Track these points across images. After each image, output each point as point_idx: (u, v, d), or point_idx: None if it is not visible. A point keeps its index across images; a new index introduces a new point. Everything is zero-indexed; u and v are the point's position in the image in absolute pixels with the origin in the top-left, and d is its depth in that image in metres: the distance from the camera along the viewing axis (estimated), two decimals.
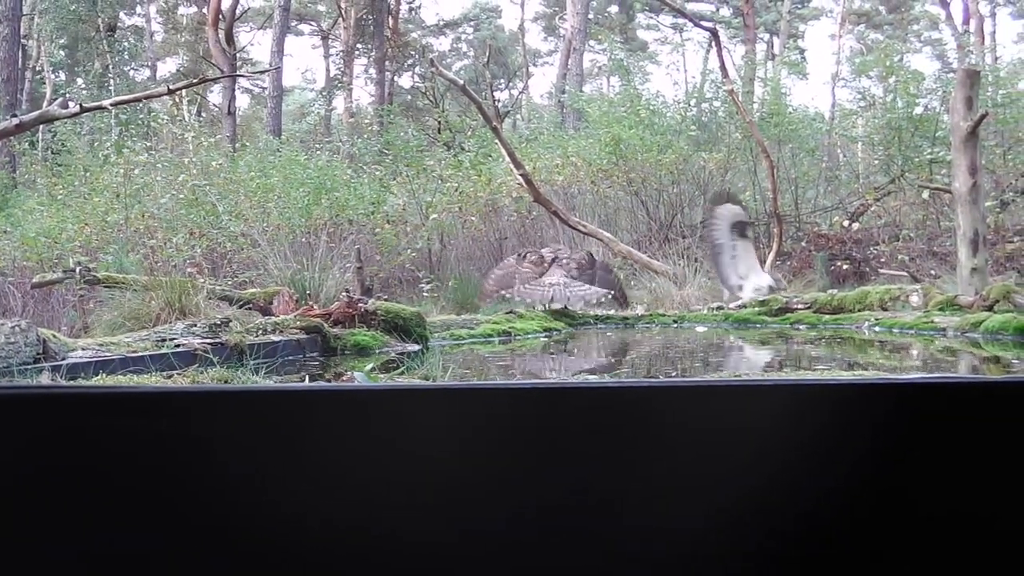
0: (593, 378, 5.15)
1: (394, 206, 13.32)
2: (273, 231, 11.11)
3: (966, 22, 26.89)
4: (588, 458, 1.17)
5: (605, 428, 1.17)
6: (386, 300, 7.11)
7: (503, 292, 8.71)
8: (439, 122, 18.73)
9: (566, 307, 8.53)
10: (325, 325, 6.08)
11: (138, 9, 27.01)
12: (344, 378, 4.65)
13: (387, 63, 26.80)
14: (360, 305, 6.45)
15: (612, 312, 9.06)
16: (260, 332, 5.65)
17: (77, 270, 7.46)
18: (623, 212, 14.39)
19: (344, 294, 6.76)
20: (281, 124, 21.93)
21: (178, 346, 4.78)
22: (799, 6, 31.52)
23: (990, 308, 7.15)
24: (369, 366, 4.72)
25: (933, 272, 11.25)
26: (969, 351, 6.23)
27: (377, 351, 6.03)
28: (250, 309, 7.18)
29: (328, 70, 31.08)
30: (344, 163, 15.02)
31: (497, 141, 11.78)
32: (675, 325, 8.49)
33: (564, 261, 9.59)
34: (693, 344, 7.37)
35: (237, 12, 22.40)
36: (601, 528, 1.17)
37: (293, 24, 27.69)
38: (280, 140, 18.18)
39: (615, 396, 1.19)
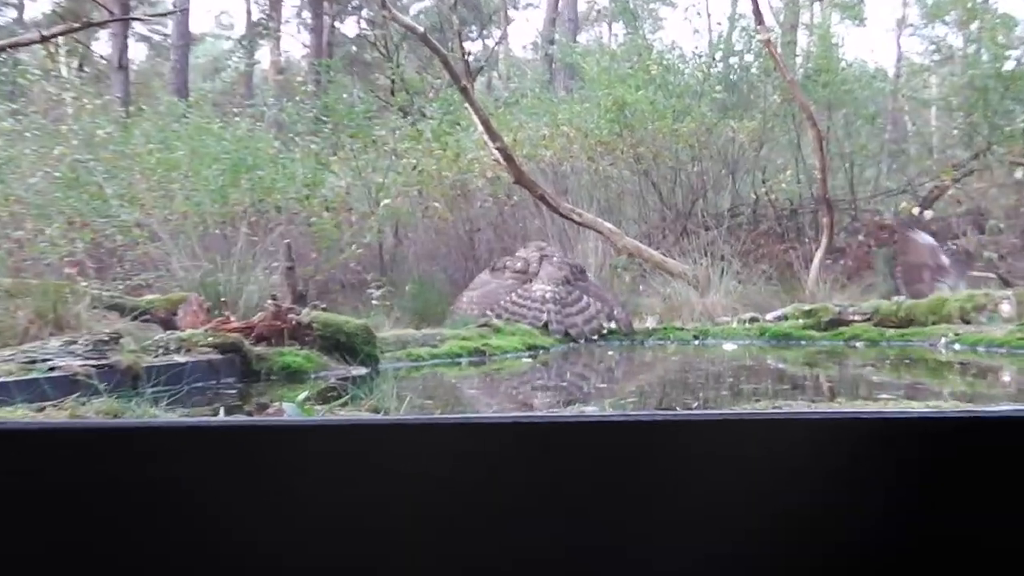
0: (591, 410, 5.15)
1: (335, 188, 13.27)
2: (178, 221, 11.04)
3: None
4: (587, 498, 1.32)
5: (607, 465, 1.32)
6: (324, 310, 7.08)
7: (488, 312, 8.78)
8: (392, 81, 18.68)
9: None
10: (245, 342, 6.04)
11: None
12: (270, 411, 4.62)
13: (325, 4, 26.78)
14: (291, 316, 6.41)
15: (614, 326, 9.06)
16: (161, 351, 5.61)
17: None
18: (629, 197, 14.39)
19: (270, 302, 6.72)
20: (188, 82, 21.83)
21: (52, 369, 4.73)
22: None
23: None
24: (302, 395, 4.68)
25: None
26: None
27: (313, 376, 6.00)
28: (147, 321, 7.13)
29: (249, 13, 31.01)
30: (270, 133, 14.97)
31: (467, 105, 11.76)
32: (696, 342, 8.50)
33: (555, 261, 9.63)
34: (719, 367, 7.37)
35: None
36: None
37: None
38: (187, 103, 18.10)
39: (618, 430, 1.34)
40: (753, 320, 8.99)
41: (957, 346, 7.60)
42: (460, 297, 9.75)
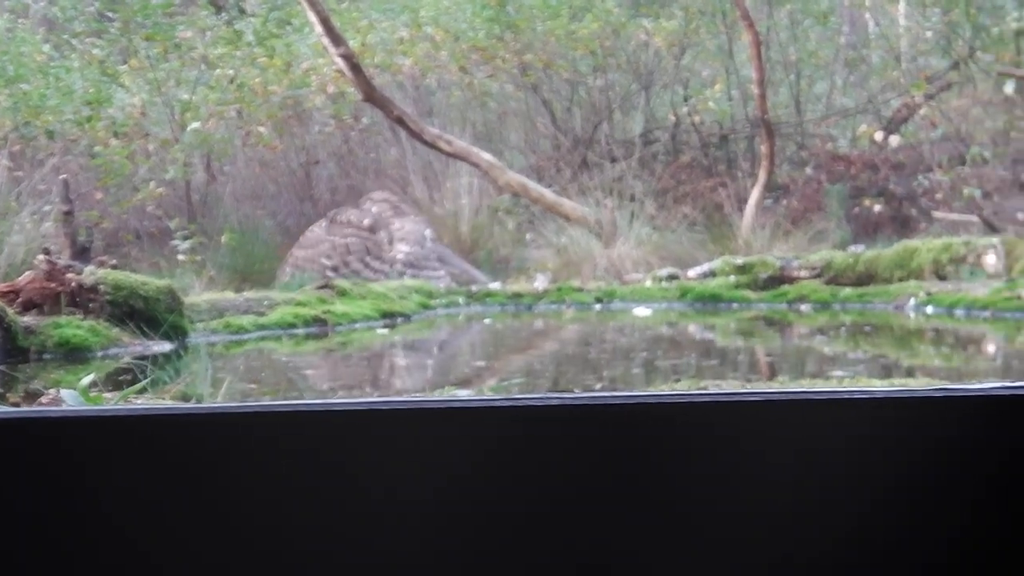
0: (464, 394, 5.21)
1: (126, 108, 13.14)
2: None
3: None
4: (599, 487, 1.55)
5: (600, 450, 1.51)
6: (115, 268, 7.05)
7: (329, 273, 8.83)
8: None
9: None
10: (8, 310, 6.00)
11: None
12: (45, 399, 4.61)
13: None
14: (69, 277, 6.38)
15: (495, 286, 9.14)
16: None
17: None
18: (513, 118, 14.45)
19: (41, 258, 6.68)
20: None
21: None
22: None
23: None
24: (87, 379, 4.68)
25: (1021, 216, 11.57)
26: None
27: (100, 354, 5.98)
28: None
29: None
30: (38, 34, 14.74)
31: None
32: (599, 306, 8.59)
33: (411, 217, 9.74)
34: (629, 337, 7.48)
35: None
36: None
37: None
38: None
39: (602, 412, 1.53)
40: (672, 278, 9.12)
41: (929, 308, 7.78)
42: (289, 257, 9.76)
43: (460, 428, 1.51)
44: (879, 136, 13.24)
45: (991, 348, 6.67)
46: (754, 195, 11.57)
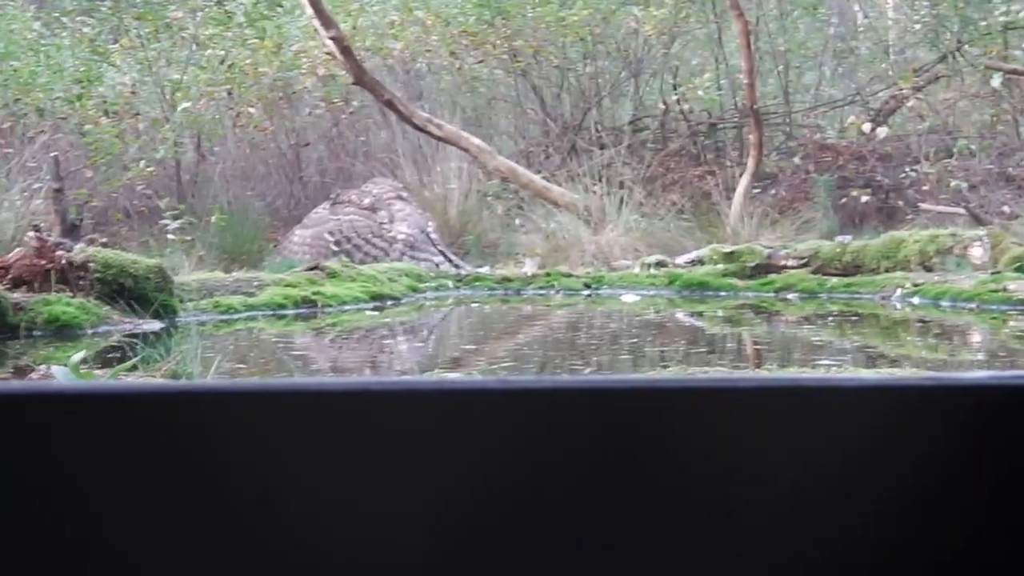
0: (454, 377, 5.21)
1: (116, 87, 13.13)
2: None
3: None
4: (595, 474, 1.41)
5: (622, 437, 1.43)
6: (105, 246, 7.04)
7: (333, 248, 8.89)
8: None
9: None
10: None
11: None
12: (35, 375, 4.61)
13: None
14: (59, 254, 6.37)
15: (484, 270, 9.15)
16: None
17: None
18: (503, 104, 14.48)
19: (31, 235, 6.67)
20: None
21: None
22: None
23: None
24: (77, 356, 4.69)
25: (1007, 209, 11.60)
26: None
27: (90, 331, 5.97)
28: None
29: None
30: (28, 11, 14.72)
31: None
32: (588, 293, 8.60)
33: (413, 204, 9.81)
34: (617, 323, 7.48)
35: None
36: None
37: None
38: None
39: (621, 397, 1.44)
40: (660, 265, 9.12)
41: (916, 299, 7.79)
42: (290, 235, 9.78)
43: (448, 411, 1.50)
44: (867, 127, 13.26)
45: (976, 339, 6.69)
46: (742, 184, 11.58)
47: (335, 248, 8.98)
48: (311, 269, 8.08)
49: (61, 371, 4.42)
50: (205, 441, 1.46)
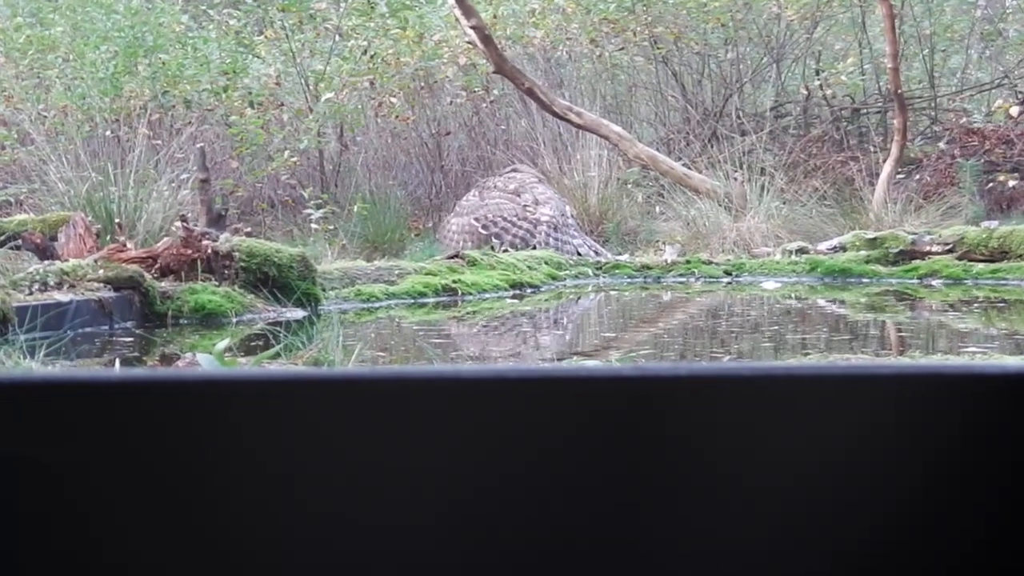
0: (592, 365, 5.20)
1: (261, 78, 13.27)
2: (56, 118, 11.05)
3: None
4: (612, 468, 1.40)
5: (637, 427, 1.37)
6: (249, 235, 7.11)
7: (483, 231, 9.00)
8: None
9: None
10: (146, 276, 6.07)
11: None
12: (181, 363, 4.66)
13: None
14: (205, 243, 6.44)
15: (625, 258, 9.14)
16: (36, 287, 5.64)
17: None
18: (643, 92, 14.43)
19: (179, 225, 6.75)
20: None
21: None
22: None
23: None
24: (222, 344, 4.73)
25: None
26: None
27: (235, 319, 6.04)
28: (18, 248, 7.16)
29: None
30: (176, 4, 14.92)
31: None
32: (728, 279, 8.56)
33: (551, 190, 9.86)
34: (758, 311, 7.43)
35: None
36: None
37: None
38: None
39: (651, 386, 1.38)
40: (801, 251, 9.05)
41: None
42: (446, 223, 9.86)
43: (463, 399, 1.49)
44: (1015, 111, 13.07)
45: None
46: (886, 169, 11.47)
47: (483, 232, 9.05)
48: (451, 257, 8.12)
49: (206, 359, 4.46)
50: (221, 430, 1.46)
